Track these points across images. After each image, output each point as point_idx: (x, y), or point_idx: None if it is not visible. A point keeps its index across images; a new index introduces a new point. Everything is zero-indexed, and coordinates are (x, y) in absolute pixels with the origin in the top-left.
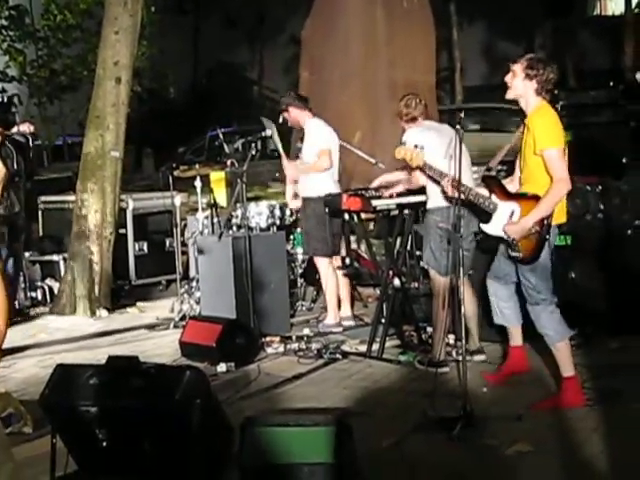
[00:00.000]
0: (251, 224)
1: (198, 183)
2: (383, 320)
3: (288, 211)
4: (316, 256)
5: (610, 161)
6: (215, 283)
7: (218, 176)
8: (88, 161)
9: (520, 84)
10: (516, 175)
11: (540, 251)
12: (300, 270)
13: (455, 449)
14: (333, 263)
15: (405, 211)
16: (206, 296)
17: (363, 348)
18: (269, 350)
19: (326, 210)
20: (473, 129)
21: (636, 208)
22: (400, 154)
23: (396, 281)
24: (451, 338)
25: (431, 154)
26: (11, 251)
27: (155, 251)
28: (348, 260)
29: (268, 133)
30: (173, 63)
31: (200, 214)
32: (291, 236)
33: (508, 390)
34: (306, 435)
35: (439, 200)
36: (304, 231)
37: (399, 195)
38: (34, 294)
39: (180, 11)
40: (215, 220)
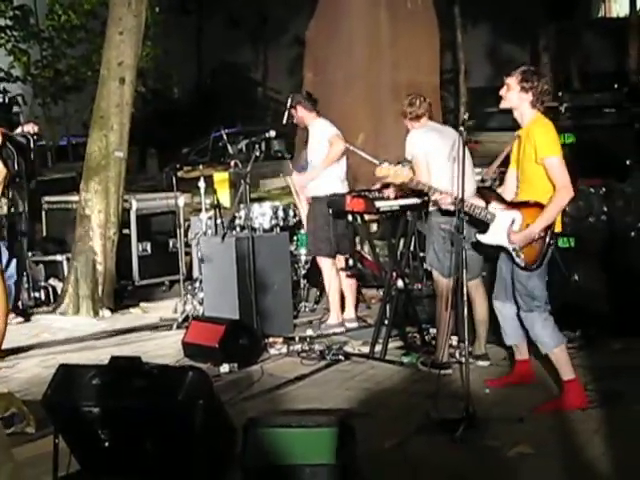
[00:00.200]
0: (254, 225)
1: (202, 184)
2: (386, 321)
3: (291, 212)
4: (320, 256)
5: (614, 163)
6: (218, 284)
7: (222, 177)
8: (92, 161)
9: (515, 97)
10: (507, 185)
11: (544, 258)
12: (303, 271)
13: (457, 451)
14: (336, 264)
15: (408, 212)
16: (209, 297)
17: (366, 349)
18: (272, 351)
19: (330, 211)
20: None
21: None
22: (381, 172)
23: (399, 282)
24: (454, 340)
25: (434, 156)
26: (14, 251)
27: (158, 252)
28: (351, 261)
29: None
30: (177, 63)
31: (204, 215)
32: (294, 237)
33: (510, 392)
34: (308, 436)
35: None
36: (309, 231)
37: (402, 196)
38: (37, 294)
39: (183, 11)
40: (218, 221)
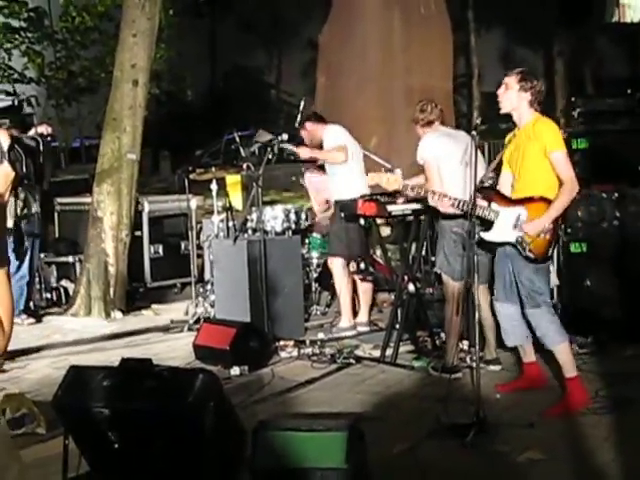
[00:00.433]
0: (266, 228)
1: (214, 186)
2: (397, 325)
3: (304, 215)
4: (335, 257)
5: (626, 169)
6: (230, 286)
7: (234, 179)
8: (105, 163)
9: (514, 96)
10: (503, 184)
11: (553, 249)
12: (315, 274)
13: (467, 455)
14: (348, 268)
15: (421, 217)
16: (220, 299)
17: (377, 353)
18: (283, 354)
19: (342, 215)
20: None
21: None
22: (373, 180)
23: (411, 286)
24: (465, 344)
25: (446, 160)
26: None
27: (170, 254)
28: (363, 265)
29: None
30: (190, 66)
31: (215, 217)
32: (306, 240)
33: (521, 397)
34: (319, 440)
35: None
36: (330, 231)
37: (414, 200)
38: (49, 295)
39: (197, 14)
40: (230, 223)
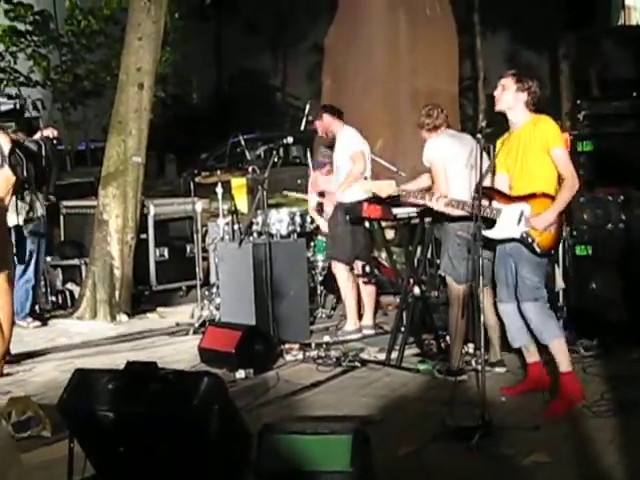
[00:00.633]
0: (272, 231)
1: (219, 189)
2: (403, 328)
3: (309, 218)
4: (337, 261)
5: (632, 171)
6: (235, 290)
7: (239, 182)
8: (110, 166)
9: (511, 97)
10: (498, 187)
11: (559, 242)
12: (320, 277)
13: (473, 458)
14: (353, 270)
15: (426, 219)
16: (226, 302)
17: (382, 356)
18: (288, 357)
19: (347, 218)
20: None
21: None
22: (365, 187)
23: (416, 289)
24: (470, 347)
25: (451, 162)
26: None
27: (176, 257)
28: (368, 268)
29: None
30: (196, 69)
31: (221, 220)
32: (312, 243)
33: (526, 399)
34: (324, 443)
35: None
36: (330, 235)
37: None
38: (55, 298)
39: (202, 17)
40: (236, 226)
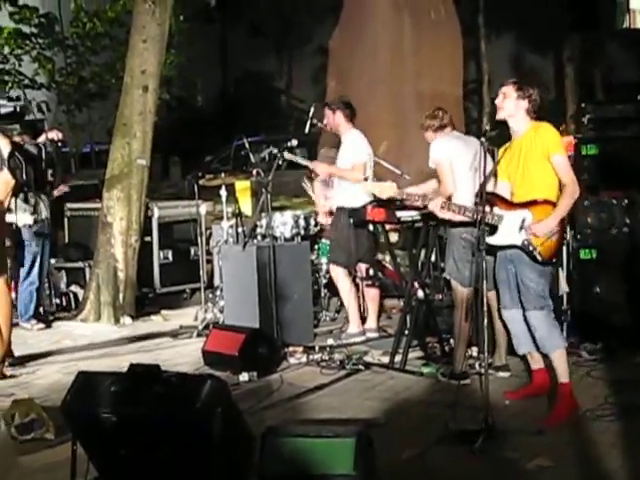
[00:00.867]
0: (275, 234)
1: (223, 192)
2: (406, 331)
3: (313, 221)
4: (336, 264)
5: (636, 175)
6: (239, 292)
7: (243, 185)
8: (115, 169)
9: (512, 104)
10: (501, 193)
11: (560, 250)
12: (324, 280)
13: (476, 462)
14: (354, 274)
15: (430, 222)
16: (230, 305)
17: (386, 359)
18: (292, 360)
19: (351, 221)
20: None
21: None
22: (366, 189)
23: (420, 292)
24: (474, 350)
25: (457, 163)
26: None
27: (180, 259)
28: (372, 271)
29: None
30: (201, 72)
31: (225, 223)
32: (315, 246)
33: (529, 403)
34: (327, 446)
35: None
36: (331, 239)
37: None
38: (59, 301)
39: (207, 20)
40: (240, 229)
